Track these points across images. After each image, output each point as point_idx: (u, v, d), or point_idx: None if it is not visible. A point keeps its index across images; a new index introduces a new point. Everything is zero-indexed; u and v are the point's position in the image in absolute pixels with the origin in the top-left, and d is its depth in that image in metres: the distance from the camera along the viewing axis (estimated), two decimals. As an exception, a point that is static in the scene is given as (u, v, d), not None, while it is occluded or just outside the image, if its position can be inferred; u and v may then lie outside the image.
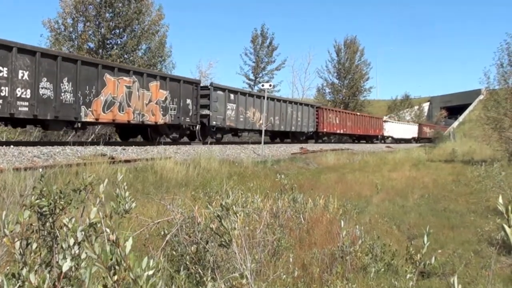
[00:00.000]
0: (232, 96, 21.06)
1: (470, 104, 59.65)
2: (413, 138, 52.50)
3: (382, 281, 4.27)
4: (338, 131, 33.65)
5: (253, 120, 22.87)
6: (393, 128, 46.59)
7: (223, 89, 20.50)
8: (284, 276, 3.69)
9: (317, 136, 31.32)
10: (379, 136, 43.84)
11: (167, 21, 32.36)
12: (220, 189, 6.38)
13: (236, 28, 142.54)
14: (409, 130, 51.94)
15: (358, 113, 39.52)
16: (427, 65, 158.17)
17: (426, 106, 73.62)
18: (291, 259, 4.23)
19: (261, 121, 22.51)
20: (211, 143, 18.94)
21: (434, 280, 4.73)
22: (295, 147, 23.73)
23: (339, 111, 35.13)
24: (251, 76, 39.31)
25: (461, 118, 58.38)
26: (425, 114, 72.58)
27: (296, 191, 6.47)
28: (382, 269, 4.51)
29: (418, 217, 8.21)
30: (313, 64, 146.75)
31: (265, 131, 23.25)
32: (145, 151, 14.04)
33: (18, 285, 1.77)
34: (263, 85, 22.08)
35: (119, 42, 24.63)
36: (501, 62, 19.32)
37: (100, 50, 23.93)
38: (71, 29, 23.77)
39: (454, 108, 64.49)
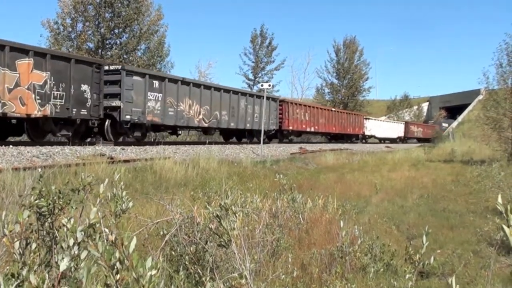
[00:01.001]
0: (156, 83, 16.71)
1: (469, 104, 59.70)
2: (399, 138, 48.24)
3: (381, 281, 4.27)
4: (308, 129, 29.06)
5: (189, 115, 18.29)
6: (375, 127, 41.94)
7: (141, 74, 16.26)
8: (283, 276, 3.69)
9: (281, 135, 26.69)
10: (360, 136, 39.32)
11: (166, 21, 32.41)
12: (219, 189, 6.38)
13: (236, 28, 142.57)
14: (395, 129, 47.51)
15: (333, 109, 34.89)
16: (427, 65, 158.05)
17: (425, 106, 73.65)
18: (290, 259, 4.23)
19: (200, 116, 18.86)
20: (209, 143, 18.47)
21: (433, 280, 4.74)
22: (294, 147, 23.74)
23: (309, 106, 30.24)
24: (251, 76, 39.30)
25: (460, 118, 58.44)
26: (424, 114, 72.62)
27: (295, 191, 6.48)
28: (381, 269, 4.51)
29: (417, 217, 8.21)
30: (313, 64, 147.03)
31: (209, 128, 20.35)
32: (144, 151, 14.04)
33: (16, 284, 1.76)
34: (262, 85, 21.49)
35: (118, 42, 24.63)
36: (500, 62, 19.33)
37: (100, 50, 23.92)
38: (70, 29, 23.76)
39: (453, 108, 64.52)
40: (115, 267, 1.71)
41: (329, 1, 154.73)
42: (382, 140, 44.09)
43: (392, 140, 45.82)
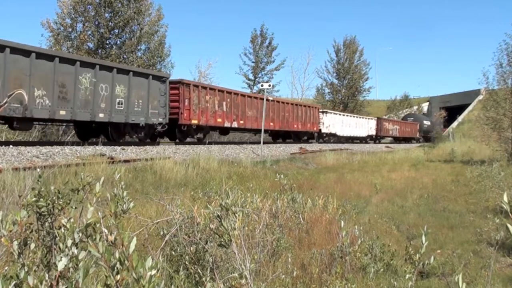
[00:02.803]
0: None
1: (469, 104, 59.69)
2: (370, 137, 40.62)
3: (381, 281, 4.27)
4: (226, 124, 20.93)
5: None
6: (336, 123, 33.58)
7: None
8: (283, 276, 3.69)
9: (180, 133, 18.82)
10: (315, 134, 30.97)
11: (166, 21, 32.46)
12: (219, 189, 6.38)
13: (236, 28, 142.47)
14: (364, 126, 38.98)
15: (270, 98, 25.37)
16: (427, 65, 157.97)
17: (425, 106, 73.71)
18: (290, 259, 4.23)
19: (5, 103, 11.23)
20: (209, 143, 18.17)
21: (433, 280, 4.73)
22: (294, 147, 23.73)
23: (229, 92, 21.25)
24: (251, 76, 39.31)
25: (460, 118, 58.40)
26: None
27: (295, 191, 6.48)
28: (381, 269, 4.51)
29: (417, 217, 8.22)
30: (313, 64, 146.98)
31: (6, 118, 11.95)
32: (144, 151, 14.04)
33: (14, 283, 1.76)
34: (262, 85, 21.24)
35: (118, 42, 24.63)
36: (500, 62, 19.33)
37: (99, 50, 23.92)
38: (70, 29, 23.77)
39: (453, 108, 64.50)
40: (115, 268, 1.71)
41: (329, 1, 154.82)
42: (348, 139, 36.14)
43: (361, 140, 38.91)
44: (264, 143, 21.83)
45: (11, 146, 11.53)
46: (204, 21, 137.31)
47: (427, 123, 55.00)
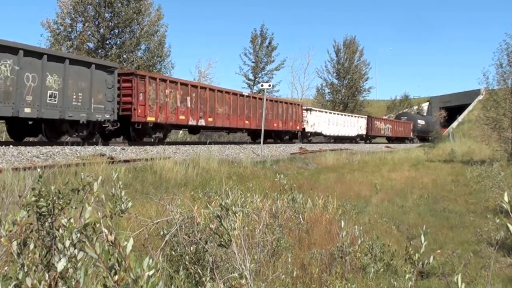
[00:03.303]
0: None
1: (469, 104, 59.73)
2: (360, 136, 38.40)
3: (381, 281, 4.27)
4: (191, 122, 18.49)
5: None
6: (322, 121, 31.30)
7: None
8: (283, 276, 3.69)
9: (134, 131, 16.38)
10: (298, 133, 28.97)
11: (166, 21, 32.45)
12: (219, 189, 6.38)
13: (236, 29, 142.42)
14: (353, 125, 36.74)
15: (245, 94, 23.31)
16: (427, 66, 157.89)
17: (425, 106, 73.75)
18: (290, 259, 4.23)
19: None
20: (209, 143, 18.20)
21: (433, 280, 4.73)
22: (295, 147, 23.74)
23: (195, 86, 19.16)
24: (251, 76, 39.29)
25: (460, 118, 58.41)
26: (425, 114, 72.72)
27: (295, 191, 6.48)
28: (381, 269, 4.51)
29: (417, 217, 8.22)
30: (313, 64, 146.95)
31: None
32: (144, 151, 14.04)
33: (14, 284, 1.76)
34: (262, 85, 21.27)
35: (118, 42, 24.63)
36: (500, 62, 19.32)
37: (99, 50, 23.93)
38: (70, 29, 23.79)
39: (453, 108, 64.53)
40: (114, 269, 1.71)
41: (329, 1, 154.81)
42: (336, 139, 34.48)
43: (350, 139, 36.88)
44: (241, 143, 21.58)
45: (11, 146, 11.54)
46: (204, 21, 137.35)
47: (421, 122, 52.93)
